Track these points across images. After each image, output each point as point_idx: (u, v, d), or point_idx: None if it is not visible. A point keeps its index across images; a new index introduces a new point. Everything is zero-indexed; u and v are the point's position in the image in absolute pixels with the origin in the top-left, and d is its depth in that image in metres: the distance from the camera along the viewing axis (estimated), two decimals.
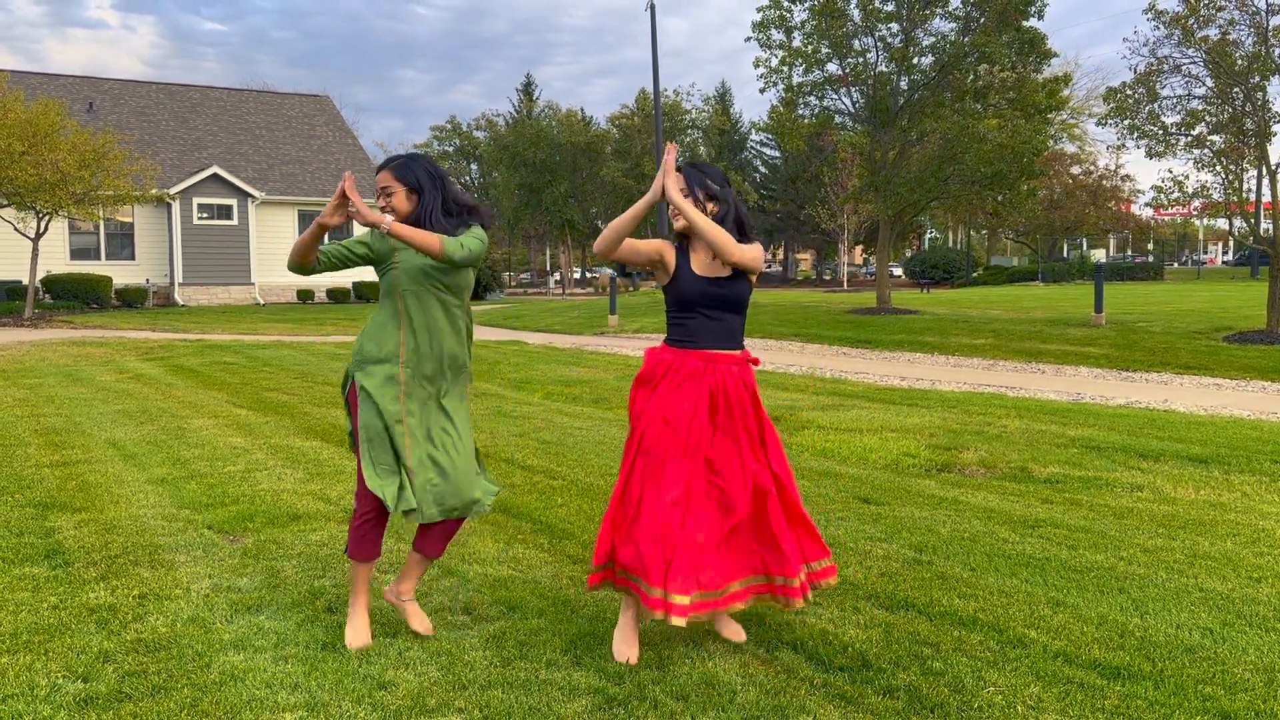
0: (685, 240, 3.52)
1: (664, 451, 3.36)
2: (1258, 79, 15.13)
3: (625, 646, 3.39)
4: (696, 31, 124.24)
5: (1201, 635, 3.57)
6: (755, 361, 3.59)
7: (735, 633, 3.54)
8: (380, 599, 3.89)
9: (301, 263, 3.43)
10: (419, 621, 3.60)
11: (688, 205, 3.37)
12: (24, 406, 9.33)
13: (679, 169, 3.48)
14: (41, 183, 21.31)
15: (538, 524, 5.04)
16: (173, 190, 29.86)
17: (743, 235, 3.47)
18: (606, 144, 51.34)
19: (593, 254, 4.01)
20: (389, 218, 3.25)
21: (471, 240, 3.36)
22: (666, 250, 3.50)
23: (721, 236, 3.33)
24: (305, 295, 32.80)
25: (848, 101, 22.31)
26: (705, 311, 3.44)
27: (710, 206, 3.44)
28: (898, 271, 56.27)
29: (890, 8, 20.60)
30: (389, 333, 3.47)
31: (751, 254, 3.41)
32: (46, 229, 23.16)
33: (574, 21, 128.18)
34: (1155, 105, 15.99)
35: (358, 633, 3.49)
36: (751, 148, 62.84)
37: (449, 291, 3.49)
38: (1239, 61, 15.23)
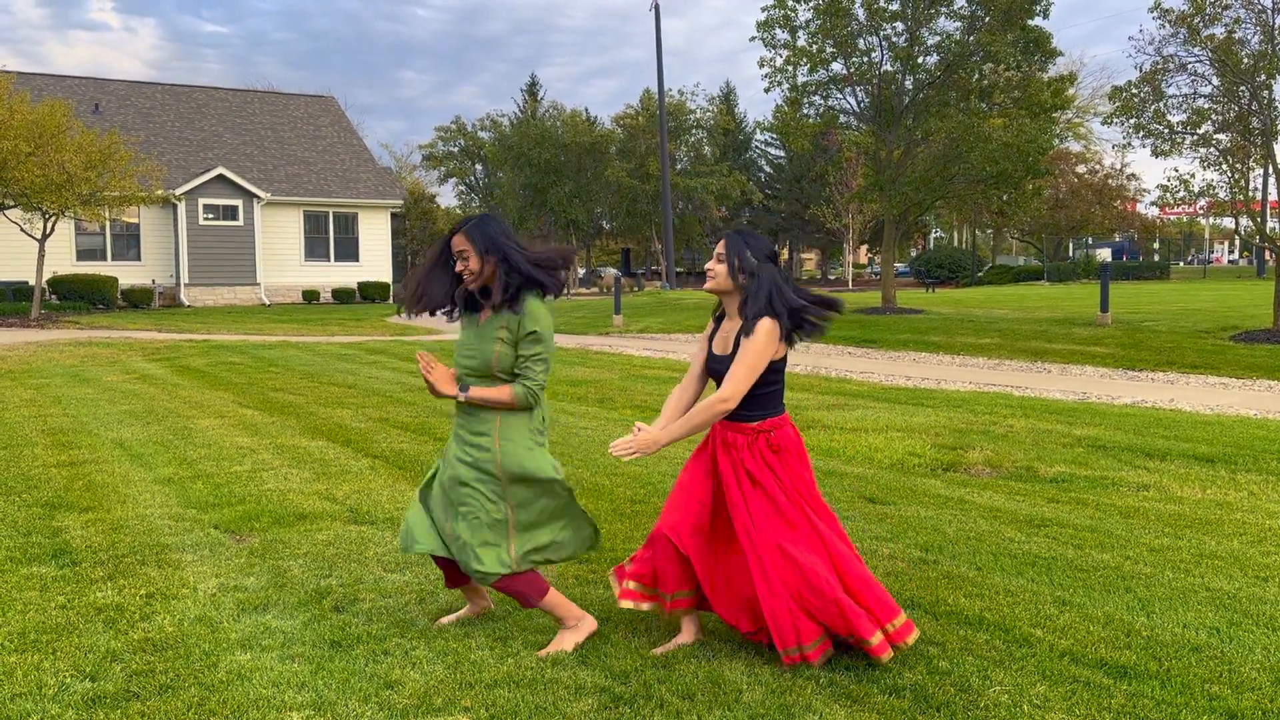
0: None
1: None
2: (1264, 77, 15.10)
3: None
4: (693, 32, 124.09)
5: (1208, 634, 3.56)
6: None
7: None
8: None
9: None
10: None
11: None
12: (31, 407, 9.36)
13: (727, 235, 3.46)
14: (48, 183, 21.34)
15: None
16: (178, 191, 29.91)
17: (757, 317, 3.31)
18: (611, 144, 51.30)
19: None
20: (463, 394, 3.40)
21: (535, 377, 3.38)
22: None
23: (703, 419, 3.33)
24: (311, 296, 32.84)
25: (852, 101, 22.30)
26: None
27: (742, 279, 3.37)
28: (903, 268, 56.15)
29: (895, 7, 20.56)
30: None
31: (743, 370, 3.27)
32: (53, 230, 23.20)
33: (572, 23, 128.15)
34: (1161, 104, 15.97)
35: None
36: (756, 147, 62.72)
37: None
38: (1245, 60, 15.19)
